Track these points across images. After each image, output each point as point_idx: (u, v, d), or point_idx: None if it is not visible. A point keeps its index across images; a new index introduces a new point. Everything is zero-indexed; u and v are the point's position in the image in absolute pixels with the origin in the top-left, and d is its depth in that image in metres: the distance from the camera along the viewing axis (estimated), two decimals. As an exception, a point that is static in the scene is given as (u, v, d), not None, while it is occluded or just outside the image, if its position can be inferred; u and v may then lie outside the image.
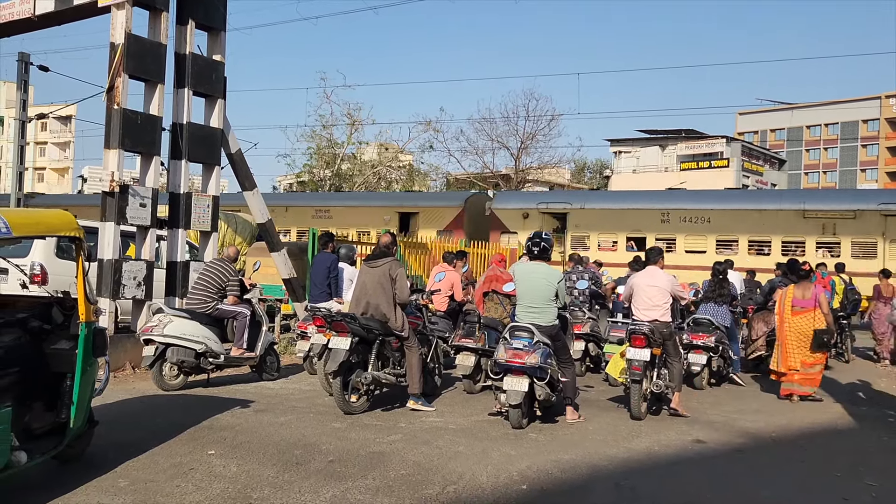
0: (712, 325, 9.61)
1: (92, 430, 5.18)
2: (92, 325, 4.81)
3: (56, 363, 4.89)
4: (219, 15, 10.52)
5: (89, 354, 4.79)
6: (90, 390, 4.93)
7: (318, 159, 37.04)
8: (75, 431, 4.74)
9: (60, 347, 4.91)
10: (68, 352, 4.81)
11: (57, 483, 4.68)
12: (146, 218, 9.41)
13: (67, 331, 4.96)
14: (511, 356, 6.69)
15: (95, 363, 4.97)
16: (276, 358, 9.22)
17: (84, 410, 4.82)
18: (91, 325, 4.79)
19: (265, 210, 11.75)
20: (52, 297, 5.20)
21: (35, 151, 69.52)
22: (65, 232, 4.79)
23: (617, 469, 5.61)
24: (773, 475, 5.65)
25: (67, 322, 5.01)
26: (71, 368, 4.73)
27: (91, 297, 4.86)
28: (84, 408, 4.81)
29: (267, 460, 5.39)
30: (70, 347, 4.81)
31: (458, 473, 5.23)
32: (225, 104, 10.70)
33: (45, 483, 4.71)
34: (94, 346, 4.82)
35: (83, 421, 4.84)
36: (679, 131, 56.88)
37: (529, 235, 7.56)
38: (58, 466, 4.97)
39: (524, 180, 41.19)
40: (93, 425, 5.16)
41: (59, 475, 4.85)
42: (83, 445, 5.12)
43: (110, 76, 9.03)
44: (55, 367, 4.89)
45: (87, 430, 5.06)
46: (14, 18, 10.29)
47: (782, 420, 7.74)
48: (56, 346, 4.94)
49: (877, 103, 74.38)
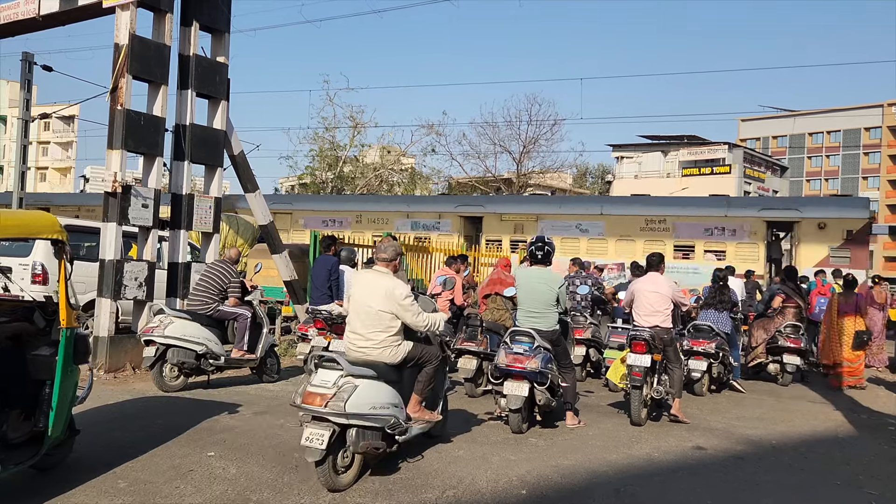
0: (713, 332, 9.60)
1: (73, 438, 5.00)
2: (73, 331, 4.63)
3: (36, 369, 4.72)
4: (223, 17, 10.54)
5: (70, 361, 4.60)
6: (70, 398, 4.73)
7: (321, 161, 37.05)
8: (53, 440, 4.56)
9: (41, 353, 4.73)
10: (48, 358, 4.63)
11: (56, 483, 4.68)
12: (148, 219, 9.42)
13: (48, 336, 4.78)
14: (511, 361, 6.69)
15: (76, 370, 4.78)
16: (276, 360, 9.22)
17: (63, 419, 4.63)
18: (73, 331, 4.62)
19: (267, 212, 11.76)
20: (33, 301, 5.02)
21: (38, 151, 69.59)
22: (46, 234, 4.61)
23: (617, 475, 5.60)
24: (773, 483, 5.64)
25: (49, 327, 4.84)
26: (51, 375, 4.54)
27: (73, 301, 4.68)
28: (63, 416, 4.62)
29: (267, 462, 5.39)
30: (50, 354, 4.64)
31: (457, 478, 5.22)
32: (228, 106, 10.71)
33: (44, 483, 4.71)
34: (75, 352, 4.63)
35: (62, 430, 4.66)
36: (681, 137, 56.94)
37: (531, 240, 7.55)
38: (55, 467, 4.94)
39: (526, 184, 41.17)
40: (74, 433, 4.98)
41: (59, 475, 4.83)
42: (63, 454, 4.95)
43: (114, 77, 9.04)
44: (35, 373, 4.71)
45: (67, 438, 4.88)
46: (18, 18, 10.31)
47: (783, 427, 7.72)
48: (37, 351, 4.76)
49: (879, 111, 74.43)
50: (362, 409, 4.97)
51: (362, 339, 5.47)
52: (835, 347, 10.87)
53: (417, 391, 5.65)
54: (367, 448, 5.01)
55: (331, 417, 4.89)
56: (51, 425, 4.47)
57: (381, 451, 5.13)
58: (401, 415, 5.35)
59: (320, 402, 4.88)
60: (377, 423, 5.09)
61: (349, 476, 5.05)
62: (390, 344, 5.46)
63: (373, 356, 5.42)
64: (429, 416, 5.75)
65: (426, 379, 5.67)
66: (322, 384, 4.99)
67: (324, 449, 4.78)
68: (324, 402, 4.87)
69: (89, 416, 6.47)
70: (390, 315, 5.46)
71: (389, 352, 5.46)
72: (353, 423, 4.96)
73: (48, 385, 4.57)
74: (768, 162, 63.06)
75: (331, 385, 4.97)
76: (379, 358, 5.42)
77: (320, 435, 4.82)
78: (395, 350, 5.48)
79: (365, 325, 5.46)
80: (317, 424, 4.89)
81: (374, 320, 5.44)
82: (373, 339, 5.44)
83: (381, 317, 5.44)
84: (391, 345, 5.47)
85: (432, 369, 5.70)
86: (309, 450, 4.81)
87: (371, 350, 5.43)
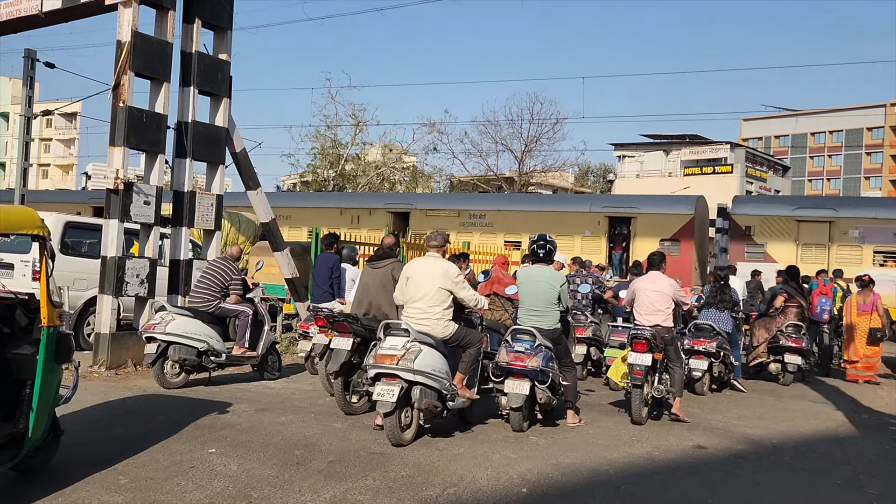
0: (714, 331, 9.60)
1: (57, 439, 4.87)
2: (55, 330, 4.49)
3: (17, 369, 4.59)
4: (225, 14, 10.53)
5: (51, 360, 4.46)
6: (53, 399, 4.59)
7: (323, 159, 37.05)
8: (34, 442, 4.44)
9: (22, 352, 4.60)
10: (30, 357, 4.50)
11: (57, 479, 4.68)
12: (150, 216, 9.42)
13: (30, 335, 4.65)
14: (512, 359, 6.69)
15: (59, 370, 4.63)
16: (277, 357, 9.23)
17: (45, 420, 4.49)
18: (55, 330, 4.48)
19: (269, 209, 11.76)
20: (15, 298, 4.85)
21: (40, 148, 69.62)
22: (27, 230, 4.47)
23: (617, 473, 5.60)
24: (774, 482, 5.64)
25: (31, 326, 4.70)
26: (32, 375, 4.40)
27: (56, 299, 4.56)
28: (44, 417, 4.48)
29: (267, 459, 5.39)
30: (32, 353, 4.50)
31: (458, 475, 5.23)
32: (230, 103, 10.71)
33: (45, 479, 4.71)
34: (57, 351, 4.50)
35: (43, 431, 4.52)
36: (683, 136, 56.86)
37: (533, 238, 7.55)
38: (56, 463, 4.94)
39: (528, 183, 41.14)
40: (58, 434, 4.85)
41: (60, 471, 4.84)
42: (47, 456, 4.83)
43: (116, 74, 9.04)
44: (16, 373, 4.58)
45: (50, 440, 4.76)
46: (21, 15, 10.31)
47: (783, 427, 7.72)
48: (17, 350, 4.63)
49: (882, 111, 74.33)
50: (426, 369, 5.94)
51: (421, 312, 6.33)
52: (853, 344, 11.66)
53: (462, 370, 6.43)
54: (429, 405, 5.94)
55: (401, 374, 5.84)
56: (31, 427, 4.34)
57: (437, 412, 6.06)
58: (450, 384, 6.21)
59: (392, 361, 5.86)
60: (436, 384, 6.02)
61: (409, 434, 6.00)
62: (444, 317, 6.35)
63: (428, 328, 6.25)
64: (469, 394, 6.46)
65: (470, 359, 6.48)
66: (392, 347, 5.97)
67: (394, 402, 5.74)
68: (395, 361, 5.85)
69: (91, 413, 6.50)
70: (447, 292, 6.36)
71: (442, 325, 6.33)
72: (418, 380, 5.88)
73: (29, 385, 4.44)
74: (770, 161, 63.01)
75: (400, 348, 5.95)
76: (433, 331, 6.26)
77: (391, 390, 5.79)
78: (447, 325, 6.37)
79: (425, 301, 6.33)
80: (387, 382, 5.85)
81: (434, 296, 6.32)
82: (430, 312, 6.31)
83: (439, 293, 6.33)
84: (444, 318, 6.35)
85: (475, 351, 6.54)
86: (381, 402, 5.78)
87: (428, 322, 6.28)
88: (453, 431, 6.52)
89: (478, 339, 6.68)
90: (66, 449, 5.05)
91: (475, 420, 6.99)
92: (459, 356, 6.49)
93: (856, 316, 11.72)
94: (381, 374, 5.96)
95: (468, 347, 6.50)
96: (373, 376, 6.04)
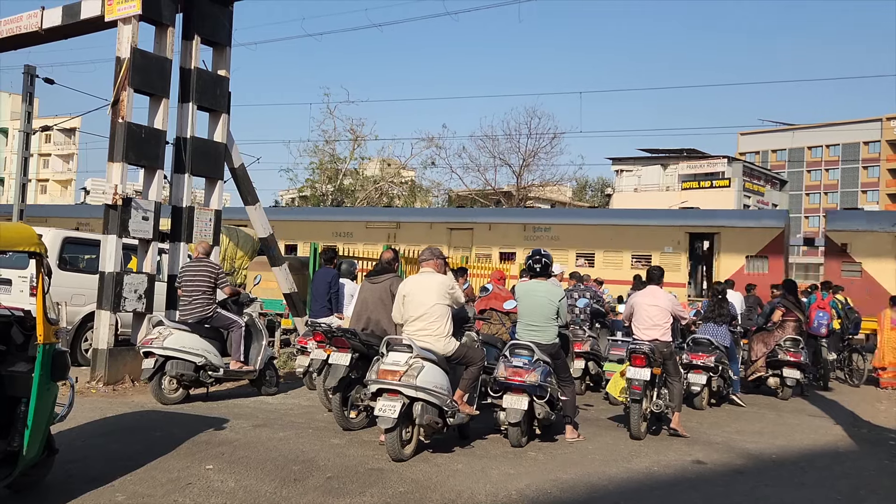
0: (712, 345, 9.60)
1: (52, 458, 4.82)
2: (51, 347, 4.46)
3: (11, 386, 4.55)
4: (224, 31, 10.59)
5: (47, 378, 4.42)
6: (48, 416, 4.55)
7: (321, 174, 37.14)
8: (28, 461, 4.39)
9: (17, 370, 4.56)
10: (25, 375, 4.46)
11: (52, 497, 4.66)
12: (148, 231, 9.43)
13: (26, 352, 4.62)
14: (511, 374, 6.68)
15: (54, 388, 4.61)
16: (275, 372, 9.20)
17: (39, 438, 4.45)
18: (51, 347, 4.45)
19: (267, 224, 11.77)
20: (11, 315, 4.82)
21: (39, 163, 69.76)
22: (23, 247, 4.45)
23: (616, 489, 5.58)
24: (773, 497, 5.62)
25: (27, 343, 4.66)
26: (27, 393, 4.35)
27: (52, 316, 4.53)
28: (39, 435, 4.44)
29: (265, 476, 5.37)
30: (27, 370, 4.46)
31: (456, 491, 5.21)
32: (229, 119, 10.74)
33: (40, 497, 4.69)
34: (53, 368, 4.46)
35: (38, 450, 4.48)
36: (681, 151, 57.08)
37: (529, 253, 7.56)
38: (53, 480, 4.92)
39: (526, 197, 41.22)
40: (52, 453, 4.81)
41: (55, 489, 4.81)
42: (41, 474, 4.78)
43: (115, 90, 9.08)
44: (10, 390, 4.54)
45: (45, 458, 4.71)
46: (21, 32, 10.37)
47: (783, 441, 7.71)
48: (13, 368, 4.59)
49: (878, 125, 74.72)
50: (428, 385, 5.97)
51: (423, 330, 6.32)
52: (885, 354, 12.90)
53: (463, 387, 6.44)
54: (430, 421, 5.99)
55: (403, 390, 5.87)
56: (26, 445, 4.30)
57: (437, 427, 6.13)
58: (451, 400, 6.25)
59: (394, 377, 5.89)
60: (437, 400, 6.05)
61: (410, 449, 6.05)
62: (446, 334, 6.38)
63: (430, 344, 6.26)
64: (469, 410, 6.48)
65: (471, 377, 6.50)
66: (395, 363, 6.00)
67: (395, 417, 5.78)
68: (398, 377, 5.88)
69: (88, 429, 6.47)
70: (446, 307, 6.40)
71: (444, 342, 6.35)
72: (420, 396, 5.92)
73: (24, 403, 4.40)
74: (767, 175, 63.23)
75: (402, 364, 5.98)
76: (435, 347, 6.27)
77: (393, 406, 5.83)
78: (448, 341, 6.39)
79: (424, 320, 6.34)
80: (389, 398, 5.89)
81: (433, 312, 6.34)
82: (430, 330, 6.32)
83: (438, 309, 6.37)
84: (447, 335, 6.38)
85: (477, 369, 6.56)
86: (383, 418, 5.81)
87: (430, 339, 6.28)
88: (452, 447, 6.51)
89: (480, 357, 6.68)
90: (62, 465, 5.03)
91: (474, 435, 6.97)
92: (460, 373, 6.52)
93: (889, 329, 12.96)
94: (383, 389, 5.97)
95: (470, 365, 6.52)
96: (374, 392, 6.05)
